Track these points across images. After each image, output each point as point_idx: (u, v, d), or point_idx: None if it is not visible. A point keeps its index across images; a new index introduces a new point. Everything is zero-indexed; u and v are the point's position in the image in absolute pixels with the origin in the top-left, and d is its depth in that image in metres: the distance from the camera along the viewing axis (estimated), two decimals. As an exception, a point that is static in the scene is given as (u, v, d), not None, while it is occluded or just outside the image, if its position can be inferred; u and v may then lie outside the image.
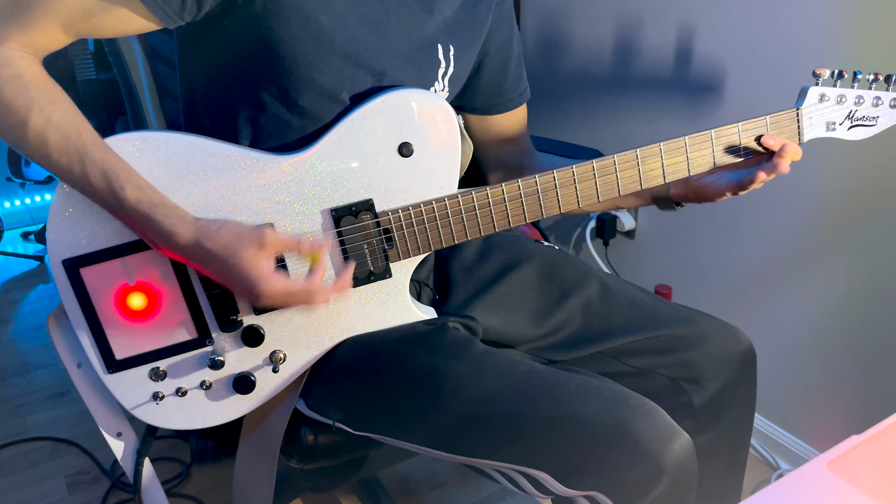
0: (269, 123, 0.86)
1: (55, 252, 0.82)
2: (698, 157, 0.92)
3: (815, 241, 1.45)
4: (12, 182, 2.91)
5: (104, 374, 0.87)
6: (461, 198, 0.88)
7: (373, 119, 0.85)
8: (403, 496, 1.54)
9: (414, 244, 0.88)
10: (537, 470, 0.82)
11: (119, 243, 0.83)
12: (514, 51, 1.04)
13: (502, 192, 0.89)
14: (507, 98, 1.06)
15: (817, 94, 0.94)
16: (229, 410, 0.91)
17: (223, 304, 0.86)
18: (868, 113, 0.96)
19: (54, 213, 0.82)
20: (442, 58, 0.93)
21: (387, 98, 0.85)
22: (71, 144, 0.75)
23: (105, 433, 0.94)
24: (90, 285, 0.84)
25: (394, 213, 0.87)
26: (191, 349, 0.88)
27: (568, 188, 0.90)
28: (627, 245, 1.94)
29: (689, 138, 0.91)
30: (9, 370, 2.09)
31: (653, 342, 0.98)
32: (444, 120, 0.86)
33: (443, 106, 0.86)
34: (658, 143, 0.91)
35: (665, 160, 0.91)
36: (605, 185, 0.91)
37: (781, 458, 1.64)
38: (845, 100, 0.95)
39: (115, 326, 0.85)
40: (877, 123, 0.97)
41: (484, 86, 1.04)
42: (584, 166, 0.90)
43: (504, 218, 0.90)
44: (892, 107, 0.97)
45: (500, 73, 1.04)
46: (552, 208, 0.91)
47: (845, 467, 0.61)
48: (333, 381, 0.92)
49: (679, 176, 0.93)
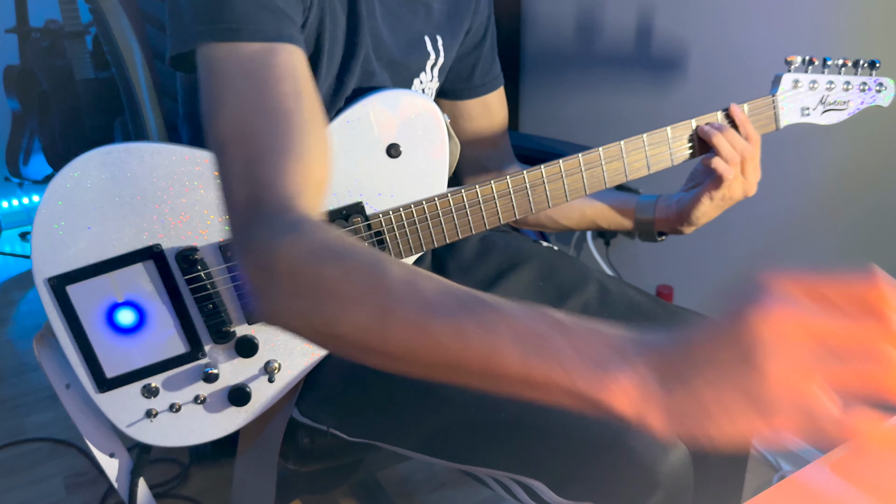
0: None
1: (39, 270, 0.80)
2: (680, 146, 0.94)
3: (816, 240, 1.46)
4: (10, 182, 2.87)
5: (95, 394, 0.85)
6: (451, 196, 0.88)
7: (359, 122, 0.84)
8: (403, 497, 1.54)
9: (406, 245, 0.88)
10: (531, 478, 0.82)
11: (105, 258, 0.81)
12: (489, 34, 1.04)
13: (491, 189, 0.89)
14: (479, 83, 1.05)
15: (791, 81, 0.96)
16: (225, 424, 0.89)
17: (214, 315, 0.85)
18: (839, 97, 0.99)
19: (38, 230, 0.80)
20: (431, 49, 0.93)
21: (372, 100, 0.84)
22: None
23: (97, 454, 0.92)
24: (77, 303, 0.81)
25: (384, 214, 0.86)
26: (183, 363, 0.86)
27: (556, 182, 0.91)
28: (629, 245, 1.94)
29: (672, 128, 0.93)
30: (7, 371, 2.07)
31: None
32: (430, 119, 0.86)
33: (429, 106, 0.86)
34: (641, 134, 0.92)
35: (648, 151, 0.93)
36: (592, 178, 0.92)
37: (783, 459, 1.65)
38: (817, 85, 0.97)
39: (104, 344, 0.83)
40: (847, 107, 1.00)
41: (455, 63, 1.03)
42: (570, 160, 0.90)
43: (494, 214, 0.90)
44: (862, 90, 1.00)
45: (474, 53, 1.03)
46: (541, 203, 0.91)
47: (848, 468, 0.60)
48: (326, 387, 0.91)
49: (663, 166, 0.94)
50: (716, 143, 0.90)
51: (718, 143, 0.90)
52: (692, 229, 0.98)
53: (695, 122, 0.93)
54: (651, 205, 1.01)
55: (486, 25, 1.03)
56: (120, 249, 0.81)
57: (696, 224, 0.96)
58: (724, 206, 0.94)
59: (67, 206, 0.79)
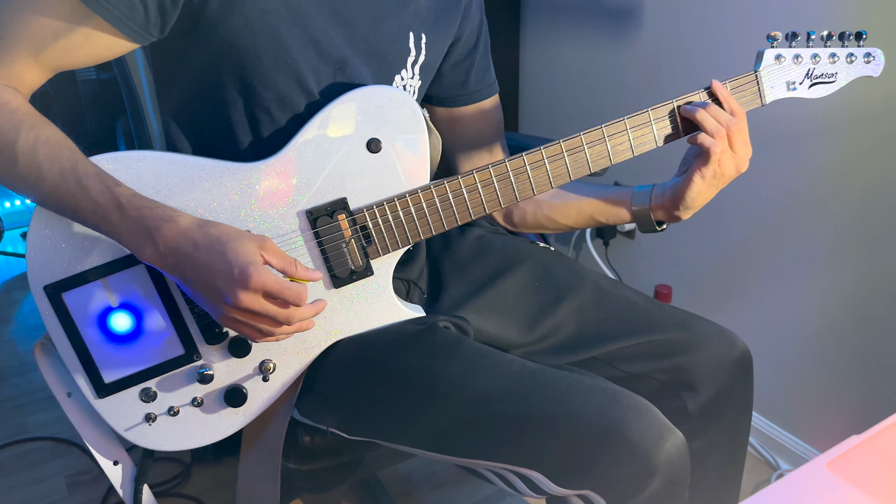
0: (242, 126, 0.87)
1: (35, 279, 0.83)
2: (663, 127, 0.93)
3: (815, 240, 1.45)
4: None
5: (94, 400, 0.87)
6: (434, 188, 0.89)
7: (339, 119, 0.86)
8: (403, 496, 1.53)
9: (392, 239, 0.89)
10: (530, 469, 0.82)
11: (98, 264, 0.83)
12: (482, 41, 1.06)
13: (474, 178, 0.89)
14: (473, 89, 1.06)
15: (773, 55, 0.95)
16: (223, 426, 0.90)
17: (207, 316, 0.86)
18: (826, 70, 0.98)
19: (32, 239, 0.82)
20: (413, 46, 0.94)
21: (350, 96, 0.86)
22: (62, 153, 0.77)
23: (101, 462, 0.93)
24: (73, 310, 0.84)
25: (368, 209, 0.87)
26: (179, 366, 0.87)
27: (539, 169, 0.91)
28: (628, 245, 1.94)
29: (653, 110, 0.93)
30: (9, 370, 2.09)
31: (647, 347, 0.97)
32: (408, 113, 0.88)
33: (405, 99, 0.88)
34: (622, 117, 0.92)
35: (631, 133, 0.92)
36: (575, 164, 0.92)
37: (781, 457, 1.63)
38: (801, 59, 0.96)
39: (101, 350, 0.85)
40: (836, 80, 0.99)
41: (449, 70, 1.04)
42: (552, 146, 0.91)
43: (479, 204, 0.90)
44: (850, 62, 0.98)
45: (467, 59, 1.04)
46: (526, 191, 0.91)
47: (846, 467, 0.61)
48: (325, 387, 0.91)
49: (648, 147, 0.94)
50: (699, 119, 0.89)
51: (702, 118, 0.89)
52: (689, 213, 0.97)
53: (676, 101, 0.93)
54: (646, 193, 1.01)
55: (478, 32, 1.05)
56: (112, 255, 0.83)
57: (693, 207, 0.95)
58: (719, 184, 0.93)
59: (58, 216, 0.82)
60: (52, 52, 0.80)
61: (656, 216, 1.01)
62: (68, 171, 0.76)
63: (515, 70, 2.14)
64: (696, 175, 0.92)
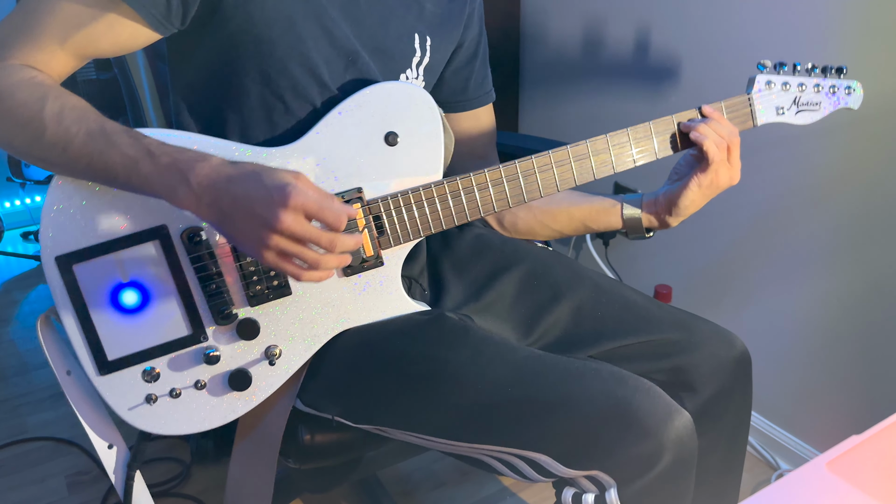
0: (256, 114, 0.89)
1: (48, 248, 0.82)
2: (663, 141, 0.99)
3: (815, 240, 1.47)
4: (12, 182, 2.88)
5: (96, 376, 0.85)
6: (447, 184, 0.92)
7: (359, 110, 0.89)
8: (403, 496, 1.51)
9: (404, 230, 0.91)
10: (539, 453, 0.82)
11: (112, 238, 0.83)
12: (481, 50, 1.10)
13: (485, 177, 0.93)
14: (472, 96, 1.10)
15: (764, 81, 1.02)
16: (224, 411, 0.89)
17: (216, 296, 0.86)
18: (811, 98, 1.05)
19: (47, 210, 0.82)
20: (418, 47, 0.98)
21: (372, 90, 0.89)
22: (88, 115, 0.79)
23: (96, 444, 0.91)
24: (83, 282, 0.83)
25: (383, 200, 0.90)
26: (185, 346, 0.87)
27: (546, 172, 0.95)
28: (628, 245, 1.94)
29: (653, 123, 0.98)
30: (9, 370, 2.07)
31: (645, 346, 0.98)
32: (426, 110, 0.91)
33: (425, 97, 0.91)
34: (626, 128, 0.97)
35: (633, 145, 0.97)
36: (581, 170, 0.96)
37: (781, 457, 1.63)
38: (789, 86, 1.03)
39: (107, 325, 0.84)
40: (819, 108, 1.06)
41: (450, 76, 1.08)
42: (559, 151, 0.95)
43: (488, 202, 0.93)
44: (832, 93, 1.06)
45: (467, 67, 1.09)
46: (533, 192, 0.95)
47: (845, 467, 0.61)
48: (330, 375, 0.91)
49: (648, 159, 0.99)
50: (702, 132, 0.95)
51: (705, 131, 0.95)
52: (679, 221, 1.01)
53: (675, 117, 0.98)
54: (637, 201, 1.05)
55: (477, 41, 1.10)
56: (126, 230, 0.83)
57: (684, 214, 1.00)
58: (711, 194, 0.98)
59: (75, 188, 0.82)
60: (78, 39, 0.82)
61: (646, 223, 1.05)
62: (96, 131, 0.77)
63: (515, 70, 2.18)
64: (692, 182, 0.97)
